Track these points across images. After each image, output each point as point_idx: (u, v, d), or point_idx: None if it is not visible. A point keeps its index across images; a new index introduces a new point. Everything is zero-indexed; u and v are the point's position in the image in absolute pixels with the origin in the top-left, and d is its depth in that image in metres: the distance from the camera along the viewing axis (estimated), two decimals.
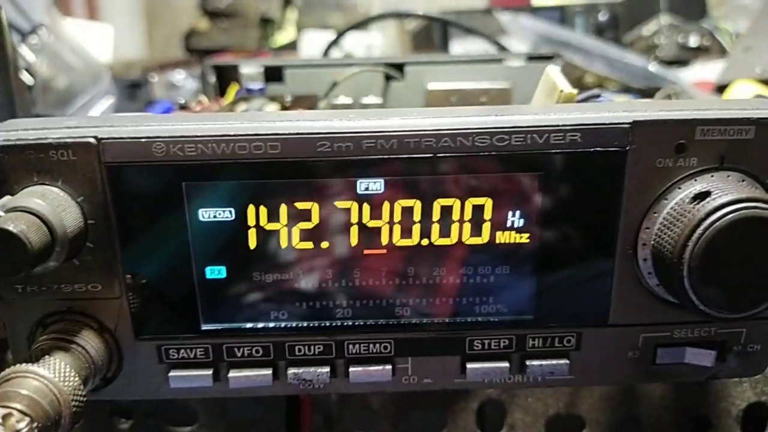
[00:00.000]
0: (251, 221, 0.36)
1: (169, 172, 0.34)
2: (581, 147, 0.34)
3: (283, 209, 0.36)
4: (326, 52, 1.12)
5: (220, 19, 2.06)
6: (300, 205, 0.36)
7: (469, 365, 0.39)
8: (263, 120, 0.35)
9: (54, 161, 0.34)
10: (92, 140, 0.34)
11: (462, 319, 0.38)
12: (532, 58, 0.78)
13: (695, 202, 0.33)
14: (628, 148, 0.34)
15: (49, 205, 0.34)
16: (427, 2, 1.84)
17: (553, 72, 0.45)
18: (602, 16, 1.25)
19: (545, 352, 0.38)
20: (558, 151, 0.34)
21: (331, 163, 0.34)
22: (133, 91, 1.36)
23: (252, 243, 0.37)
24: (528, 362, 0.38)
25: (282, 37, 1.99)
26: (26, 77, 1.14)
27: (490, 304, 0.38)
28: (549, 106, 0.38)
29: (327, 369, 0.39)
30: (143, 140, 0.34)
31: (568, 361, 0.38)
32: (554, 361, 0.38)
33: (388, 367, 0.39)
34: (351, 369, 0.39)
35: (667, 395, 0.50)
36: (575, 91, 0.42)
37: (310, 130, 0.34)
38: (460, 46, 1.13)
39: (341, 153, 0.34)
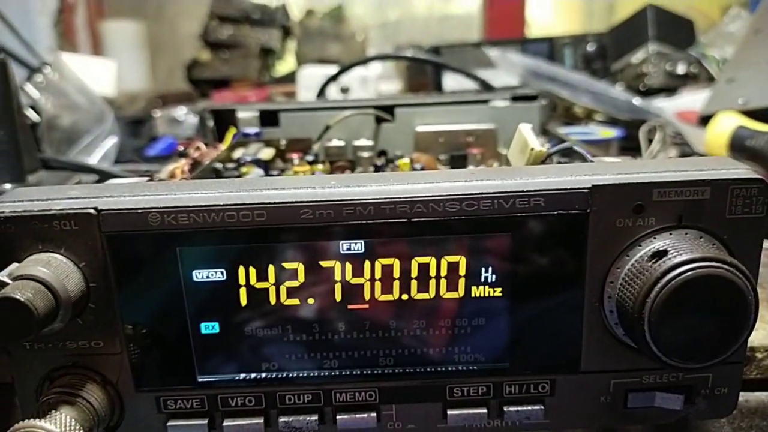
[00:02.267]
0: (242, 281, 0.39)
1: (163, 240, 0.37)
2: (545, 210, 0.36)
3: (271, 269, 0.38)
4: (323, 89, 1.16)
5: (222, 50, 2.11)
6: (287, 266, 0.38)
7: (449, 411, 0.41)
8: (251, 188, 0.37)
9: (57, 230, 0.37)
10: (93, 211, 0.37)
11: (442, 368, 0.40)
12: (516, 98, 0.81)
13: (653, 261, 0.35)
14: (588, 210, 0.36)
15: (53, 273, 0.36)
16: (423, 31, 1.88)
17: (525, 130, 0.47)
18: (590, 47, 1.28)
19: (521, 398, 0.41)
20: (524, 214, 0.36)
21: (315, 228, 0.37)
22: (136, 127, 1.39)
23: (243, 300, 0.39)
24: (505, 408, 0.41)
25: (282, 68, 2.03)
26: (32, 115, 1.17)
27: (468, 354, 0.40)
28: (517, 169, 0.40)
29: (315, 417, 0.41)
30: (139, 211, 0.36)
31: (543, 407, 0.40)
32: (530, 407, 0.40)
33: (374, 414, 0.41)
34: (338, 416, 0.41)
35: None
36: (544, 149, 0.45)
37: (293, 198, 0.36)
38: (453, 79, 1.16)
39: (323, 219, 0.37)
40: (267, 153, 0.72)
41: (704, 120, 0.94)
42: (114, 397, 0.41)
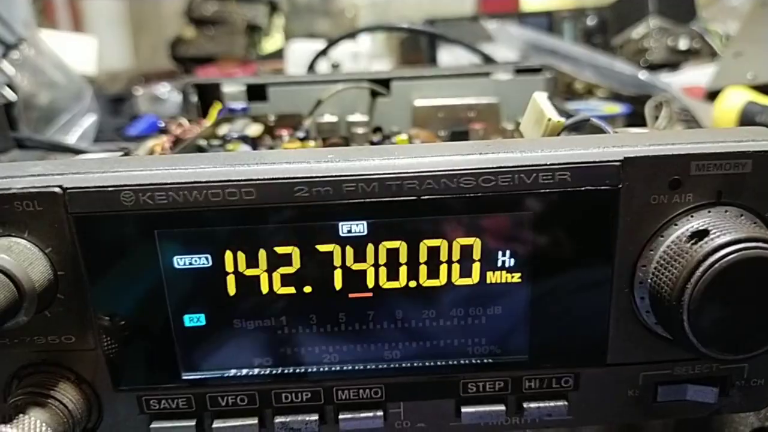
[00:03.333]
0: (229, 267, 0.34)
1: (139, 221, 0.33)
2: (571, 186, 0.32)
3: (262, 254, 0.34)
4: (312, 64, 1.11)
5: (207, 26, 2.04)
6: (280, 250, 0.34)
7: (463, 409, 0.37)
8: (237, 163, 0.33)
9: (19, 212, 0.33)
10: (58, 190, 0.32)
11: (455, 362, 0.37)
12: (519, 71, 0.77)
13: (692, 242, 0.31)
14: (620, 186, 0.32)
15: (15, 260, 0.32)
16: (415, 8, 1.82)
17: (541, 99, 0.43)
18: (590, 21, 1.24)
19: (542, 393, 0.37)
20: (547, 190, 0.32)
21: (310, 207, 0.33)
22: (116, 105, 1.34)
23: (231, 289, 0.35)
24: (525, 404, 0.37)
25: (269, 45, 1.97)
26: (8, 93, 1.11)
27: (483, 346, 0.36)
28: (536, 141, 0.36)
29: (315, 417, 0.37)
30: (110, 189, 0.32)
31: (566, 403, 0.37)
32: (552, 403, 0.37)
33: (380, 413, 0.37)
34: (341, 416, 0.37)
35: (670, 425, 0.48)
36: (563, 119, 0.41)
37: (286, 174, 0.32)
38: (449, 54, 1.11)
39: (320, 197, 0.32)
40: (255, 129, 0.67)
41: (711, 95, 0.90)
42: (91, 397, 0.37)
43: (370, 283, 0.35)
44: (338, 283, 0.35)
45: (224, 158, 0.34)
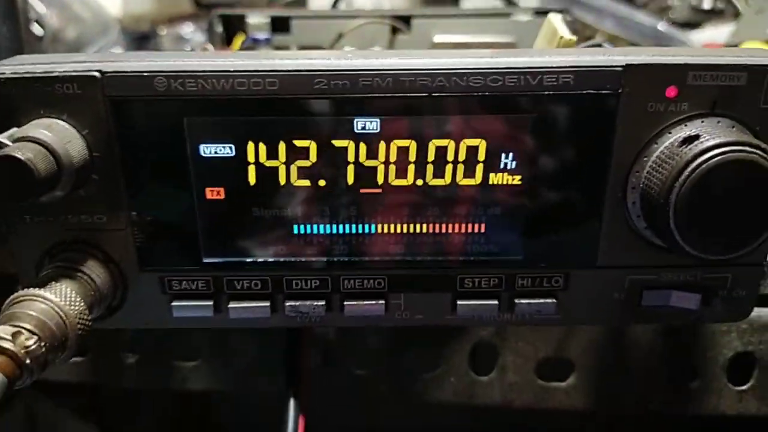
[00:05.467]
0: (251, 158, 0.37)
1: (170, 107, 0.35)
2: (574, 89, 0.34)
3: (282, 147, 0.37)
4: (334, 5, 1.12)
5: None
6: (298, 143, 0.37)
7: (459, 302, 0.40)
8: (262, 58, 0.35)
9: (59, 94, 0.35)
10: (96, 74, 0.35)
11: (453, 258, 0.39)
12: (539, 12, 0.78)
13: (684, 146, 0.33)
14: (620, 90, 0.34)
15: (56, 136, 0.35)
16: None
17: (555, 19, 0.45)
18: None
19: (533, 291, 0.39)
20: (550, 92, 0.34)
21: (328, 100, 0.35)
22: (141, 43, 1.35)
23: (252, 179, 0.38)
24: (516, 301, 0.40)
25: None
26: (36, 29, 1.14)
27: (481, 244, 0.39)
28: (546, 50, 0.38)
29: (323, 303, 0.40)
30: (145, 74, 0.35)
31: (555, 301, 0.39)
32: (542, 300, 0.39)
33: (381, 302, 0.40)
34: (346, 303, 0.40)
35: (656, 342, 0.51)
36: (575, 37, 0.42)
37: (307, 67, 0.34)
38: (471, 0, 1.12)
39: (338, 90, 0.35)
40: None
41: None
42: (116, 276, 0.40)
43: (380, 180, 0.38)
44: (351, 179, 0.38)
45: (251, 54, 0.36)
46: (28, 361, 0.32)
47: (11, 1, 0.75)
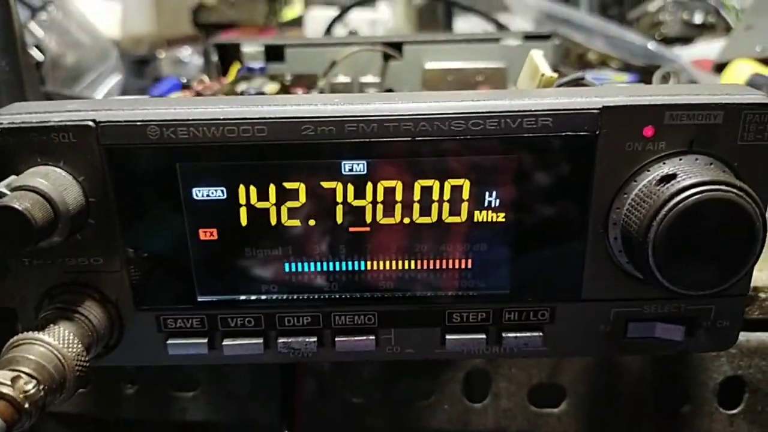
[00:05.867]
0: (242, 200, 0.38)
1: (163, 154, 0.37)
2: (553, 131, 0.35)
3: (272, 189, 0.38)
4: (329, 29, 1.13)
5: None
6: (288, 185, 0.38)
7: (448, 336, 0.41)
8: (251, 104, 0.36)
9: (56, 143, 0.37)
10: (91, 123, 0.36)
11: (441, 293, 0.40)
12: (528, 37, 0.79)
13: (661, 185, 0.34)
14: (597, 132, 0.35)
15: (52, 184, 0.36)
16: None
17: (536, 56, 0.46)
18: None
19: (520, 325, 0.40)
20: (531, 135, 0.35)
21: (316, 145, 0.36)
22: (140, 67, 1.37)
23: (243, 220, 0.39)
24: (504, 334, 0.40)
25: (290, 12, 1.98)
26: (36, 54, 1.15)
27: (469, 280, 0.40)
28: (525, 91, 0.39)
29: (314, 339, 0.41)
30: (138, 123, 0.36)
31: (542, 334, 0.40)
32: (529, 334, 0.40)
33: (372, 337, 0.41)
34: (337, 339, 0.41)
35: (646, 368, 0.52)
36: (555, 75, 0.43)
37: (294, 114, 0.36)
38: (464, 22, 1.13)
39: (325, 136, 0.36)
40: (271, 87, 0.71)
41: (719, 68, 0.92)
42: (113, 316, 0.41)
43: (368, 219, 0.39)
44: (339, 218, 0.39)
45: (241, 101, 0.38)
46: (27, 406, 0.33)
47: (9, 26, 0.77)
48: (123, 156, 0.37)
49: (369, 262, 0.40)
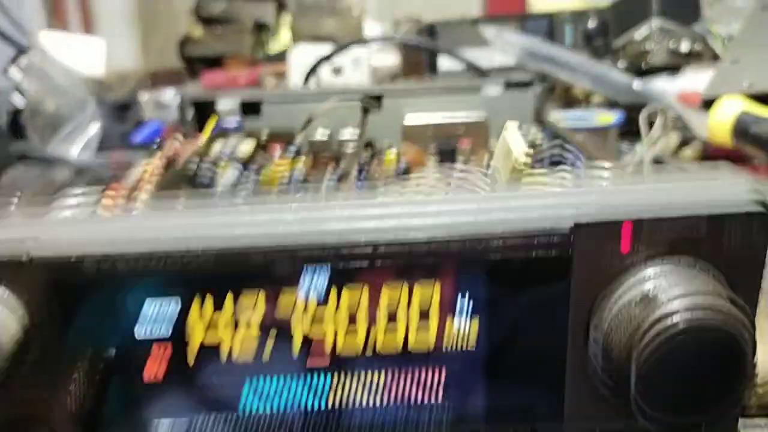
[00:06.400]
0: (189, 339, 0.35)
1: (102, 289, 0.34)
2: (522, 252, 0.33)
3: (222, 322, 0.35)
4: (313, 70, 1.12)
5: (214, 26, 2.04)
6: (241, 319, 0.35)
7: None
8: (199, 227, 0.34)
9: None
10: (24, 258, 0.33)
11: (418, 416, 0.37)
12: (510, 84, 0.78)
13: (640, 306, 0.32)
14: (570, 252, 0.33)
15: None
16: (422, 5, 1.81)
17: (510, 137, 0.44)
18: (591, 23, 1.22)
19: None
20: (498, 256, 0.33)
21: (268, 273, 0.34)
22: (120, 113, 1.35)
23: (191, 360, 0.36)
24: None
25: (276, 45, 1.97)
26: (17, 100, 1.14)
27: (441, 405, 0.37)
28: (493, 198, 0.36)
29: None
30: (73, 260, 0.33)
31: None
32: None
33: None
34: None
35: None
36: (529, 160, 0.41)
37: (244, 244, 0.33)
38: (448, 59, 1.12)
39: (275, 267, 0.33)
40: (247, 146, 0.69)
41: (707, 103, 0.89)
42: None
43: (327, 352, 0.35)
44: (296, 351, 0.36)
45: (188, 219, 0.35)
46: None
47: None
48: (60, 291, 0.34)
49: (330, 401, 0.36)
